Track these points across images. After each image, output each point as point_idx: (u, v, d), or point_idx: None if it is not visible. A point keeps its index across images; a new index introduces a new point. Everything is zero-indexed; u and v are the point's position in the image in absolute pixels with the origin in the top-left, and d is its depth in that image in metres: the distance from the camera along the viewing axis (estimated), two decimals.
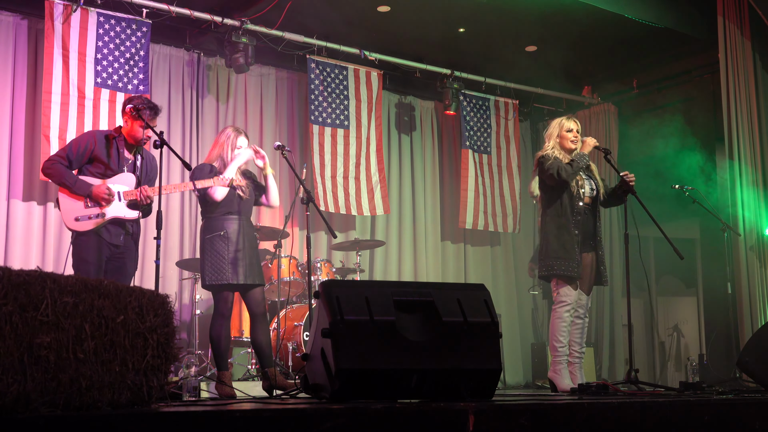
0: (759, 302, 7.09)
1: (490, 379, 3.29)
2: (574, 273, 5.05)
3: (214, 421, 2.21)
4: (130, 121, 4.93)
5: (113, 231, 4.86)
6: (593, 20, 7.69)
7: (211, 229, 4.96)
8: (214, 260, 4.90)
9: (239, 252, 4.92)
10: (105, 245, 4.83)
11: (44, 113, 6.49)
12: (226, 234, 4.92)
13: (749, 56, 7.41)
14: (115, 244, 4.87)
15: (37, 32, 6.86)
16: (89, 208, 4.81)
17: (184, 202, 7.48)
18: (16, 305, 2.12)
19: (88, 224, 4.80)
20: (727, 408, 3.31)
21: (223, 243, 4.91)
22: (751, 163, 7.30)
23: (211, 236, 4.94)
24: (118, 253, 4.90)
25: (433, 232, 8.95)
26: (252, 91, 8.03)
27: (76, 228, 4.80)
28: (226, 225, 4.95)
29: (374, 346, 3.10)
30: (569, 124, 5.28)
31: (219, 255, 4.90)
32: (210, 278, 4.91)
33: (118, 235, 4.88)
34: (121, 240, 4.89)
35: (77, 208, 4.81)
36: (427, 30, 8.04)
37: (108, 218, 4.82)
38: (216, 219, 4.96)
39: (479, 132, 8.95)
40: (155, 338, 2.55)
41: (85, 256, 4.79)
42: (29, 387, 2.10)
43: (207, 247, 4.95)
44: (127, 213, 4.89)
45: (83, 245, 4.81)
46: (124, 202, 4.87)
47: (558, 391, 5.04)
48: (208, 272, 4.92)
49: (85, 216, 4.80)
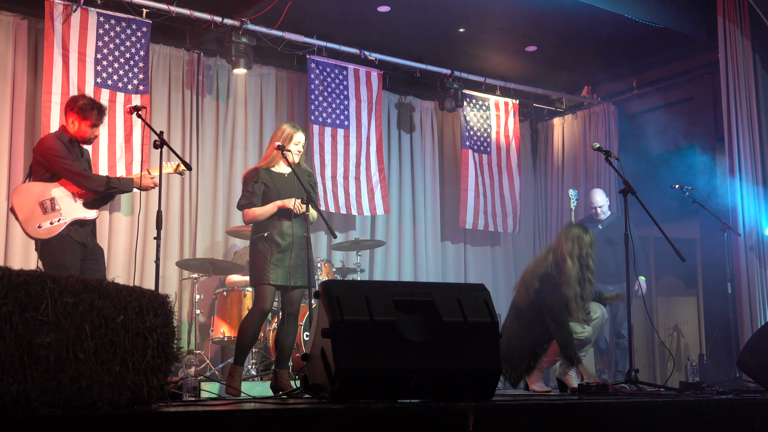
0: (759, 302, 7.09)
1: (490, 379, 3.29)
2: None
3: (214, 421, 2.22)
4: (77, 122, 4.90)
5: (81, 232, 4.83)
6: (593, 20, 7.69)
7: (257, 230, 5.00)
8: (256, 261, 4.94)
9: (283, 253, 4.93)
10: (77, 246, 4.79)
11: (44, 113, 6.48)
12: (270, 235, 4.94)
13: (749, 56, 7.40)
14: (85, 244, 4.85)
15: (37, 32, 6.86)
16: (47, 214, 4.74)
17: (184, 202, 7.47)
18: (16, 305, 2.12)
19: (51, 230, 4.73)
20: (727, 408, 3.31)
21: (266, 244, 4.93)
22: (751, 163, 7.30)
23: (256, 237, 4.99)
24: (90, 252, 4.89)
25: (433, 232, 8.95)
26: (252, 91, 8.03)
27: (41, 236, 4.72)
28: (272, 226, 4.96)
29: (374, 346, 3.10)
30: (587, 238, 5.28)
31: (261, 256, 4.92)
32: (252, 279, 4.98)
33: (85, 236, 4.86)
34: (88, 240, 4.89)
35: (36, 215, 4.73)
36: (427, 30, 8.04)
37: (69, 220, 4.78)
38: (265, 220, 4.98)
39: (479, 132, 8.95)
40: (155, 338, 2.55)
41: (61, 261, 4.69)
42: (29, 387, 2.10)
43: (252, 248, 5.01)
44: (87, 213, 4.86)
45: (56, 251, 4.74)
46: (80, 202, 4.84)
47: (568, 391, 5.06)
48: (251, 272, 4.98)
49: (46, 222, 4.73)
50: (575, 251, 5.15)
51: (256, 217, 4.98)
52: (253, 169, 5.12)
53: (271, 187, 5.00)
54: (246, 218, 5.06)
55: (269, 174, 5.05)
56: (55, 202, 4.78)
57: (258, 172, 5.04)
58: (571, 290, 5.06)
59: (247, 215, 5.03)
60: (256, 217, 4.98)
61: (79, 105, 4.89)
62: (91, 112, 4.86)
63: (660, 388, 5.01)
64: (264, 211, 4.97)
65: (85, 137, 4.93)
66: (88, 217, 4.88)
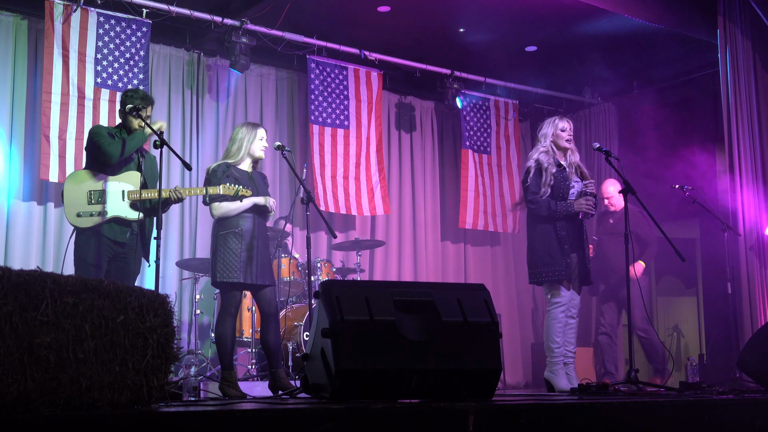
0: (759, 302, 7.09)
1: (490, 379, 3.29)
2: (561, 276, 5.08)
3: (214, 421, 2.22)
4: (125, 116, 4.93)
5: (117, 229, 4.82)
6: (593, 20, 7.69)
7: (225, 226, 4.91)
8: (227, 257, 4.85)
9: (253, 251, 4.88)
10: (107, 244, 4.78)
11: (44, 113, 6.49)
12: (241, 231, 4.88)
13: (749, 56, 7.40)
14: (120, 241, 4.82)
15: (37, 32, 6.86)
16: (92, 205, 4.76)
17: (184, 202, 7.47)
18: (16, 305, 2.12)
19: (88, 221, 4.75)
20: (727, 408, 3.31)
21: (237, 240, 4.87)
22: (751, 163, 7.29)
23: (225, 233, 4.89)
24: (122, 252, 4.85)
25: (433, 232, 8.95)
26: (252, 91, 8.03)
27: (77, 224, 4.76)
28: (242, 223, 4.92)
29: (374, 346, 3.10)
30: (563, 124, 5.30)
31: (232, 252, 4.85)
32: (221, 275, 4.85)
33: (123, 233, 4.84)
34: (127, 237, 4.85)
35: (80, 203, 4.76)
36: (427, 30, 8.04)
37: (109, 217, 4.78)
38: (231, 216, 4.93)
39: (479, 132, 8.95)
40: (155, 338, 2.55)
41: (85, 257, 4.75)
42: (29, 387, 2.10)
43: (220, 244, 4.89)
44: (129, 213, 4.84)
45: (83, 246, 4.77)
46: (126, 201, 4.84)
47: (555, 391, 5.04)
48: (220, 269, 4.86)
49: (87, 212, 4.75)
50: (549, 132, 5.29)
51: (229, 212, 4.91)
52: (223, 163, 5.02)
53: (239, 183, 4.94)
54: (217, 212, 4.93)
55: (237, 171, 5.01)
56: (103, 195, 4.79)
57: (228, 166, 4.99)
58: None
59: (219, 209, 4.92)
60: (228, 212, 4.91)
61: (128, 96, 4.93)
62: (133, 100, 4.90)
63: (660, 388, 5.01)
64: (238, 206, 4.91)
65: (129, 127, 4.93)
66: (129, 217, 4.84)
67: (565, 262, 5.09)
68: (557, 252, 5.09)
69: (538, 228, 5.19)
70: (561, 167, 5.22)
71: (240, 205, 4.91)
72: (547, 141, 5.29)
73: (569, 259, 5.12)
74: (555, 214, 5.11)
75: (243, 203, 4.91)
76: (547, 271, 5.11)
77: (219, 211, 4.93)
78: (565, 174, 5.21)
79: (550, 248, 5.11)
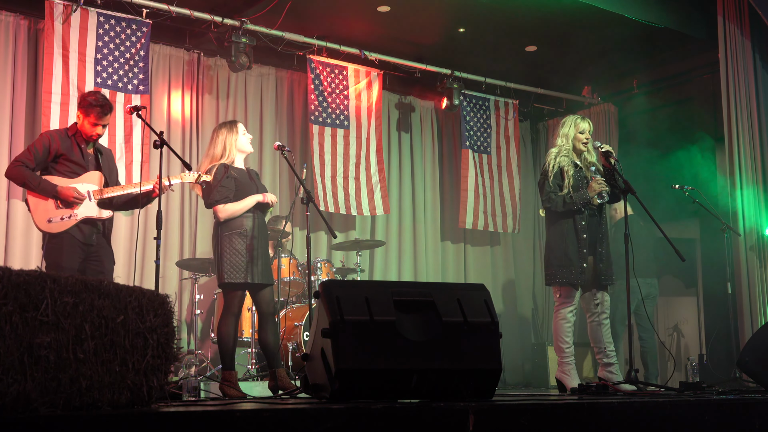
0: (759, 302, 7.09)
1: (490, 379, 3.29)
2: (576, 281, 5.09)
3: (214, 421, 2.21)
4: (81, 117, 4.90)
5: (86, 231, 4.80)
6: (593, 20, 7.69)
7: (230, 227, 4.87)
8: (234, 258, 4.82)
9: (255, 251, 4.86)
10: (78, 246, 4.76)
11: (44, 113, 6.48)
12: (245, 231, 4.85)
13: (749, 56, 7.40)
14: (89, 243, 4.81)
15: (37, 32, 6.87)
16: (60, 209, 4.73)
17: (184, 202, 7.48)
18: (16, 305, 2.12)
19: (60, 225, 4.72)
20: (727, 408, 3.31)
21: (242, 241, 4.84)
22: (751, 163, 7.30)
23: (230, 233, 4.85)
24: (94, 252, 4.84)
25: (433, 232, 8.95)
26: (252, 91, 8.03)
27: (49, 230, 4.72)
28: (245, 222, 4.89)
29: (374, 346, 3.10)
30: (583, 125, 5.29)
31: (238, 253, 4.82)
32: (229, 276, 4.81)
33: (90, 235, 4.82)
34: (93, 239, 4.84)
35: (49, 209, 4.72)
36: (427, 30, 8.04)
37: (80, 219, 4.76)
38: (236, 217, 4.90)
39: (479, 132, 8.95)
40: (155, 338, 2.55)
41: (59, 261, 4.68)
42: (29, 387, 2.10)
43: (226, 245, 4.84)
44: (99, 212, 4.84)
45: (56, 250, 4.72)
46: (94, 201, 4.82)
47: (567, 391, 5.05)
48: (227, 270, 4.81)
49: (57, 217, 4.72)
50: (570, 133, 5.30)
51: (234, 213, 4.87)
52: (221, 164, 4.98)
53: (239, 183, 4.94)
54: (223, 214, 4.87)
55: (234, 170, 4.99)
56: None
57: (227, 167, 4.95)
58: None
59: (225, 211, 4.87)
60: (234, 212, 4.87)
61: (88, 101, 4.87)
62: (93, 108, 4.84)
63: (660, 388, 5.01)
64: (243, 206, 4.89)
65: (86, 134, 4.90)
66: (102, 216, 4.85)
67: (581, 267, 5.11)
68: (575, 254, 5.11)
69: (557, 227, 5.22)
70: (578, 167, 5.26)
71: (244, 204, 4.90)
72: (568, 141, 5.29)
73: (585, 263, 5.15)
74: (572, 205, 5.12)
75: (247, 202, 4.90)
76: (562, 273, 5.13)
77: (225, 213, 4.88)
78: (582, 173, 5.25)
79: (568, 250, 5.13)
